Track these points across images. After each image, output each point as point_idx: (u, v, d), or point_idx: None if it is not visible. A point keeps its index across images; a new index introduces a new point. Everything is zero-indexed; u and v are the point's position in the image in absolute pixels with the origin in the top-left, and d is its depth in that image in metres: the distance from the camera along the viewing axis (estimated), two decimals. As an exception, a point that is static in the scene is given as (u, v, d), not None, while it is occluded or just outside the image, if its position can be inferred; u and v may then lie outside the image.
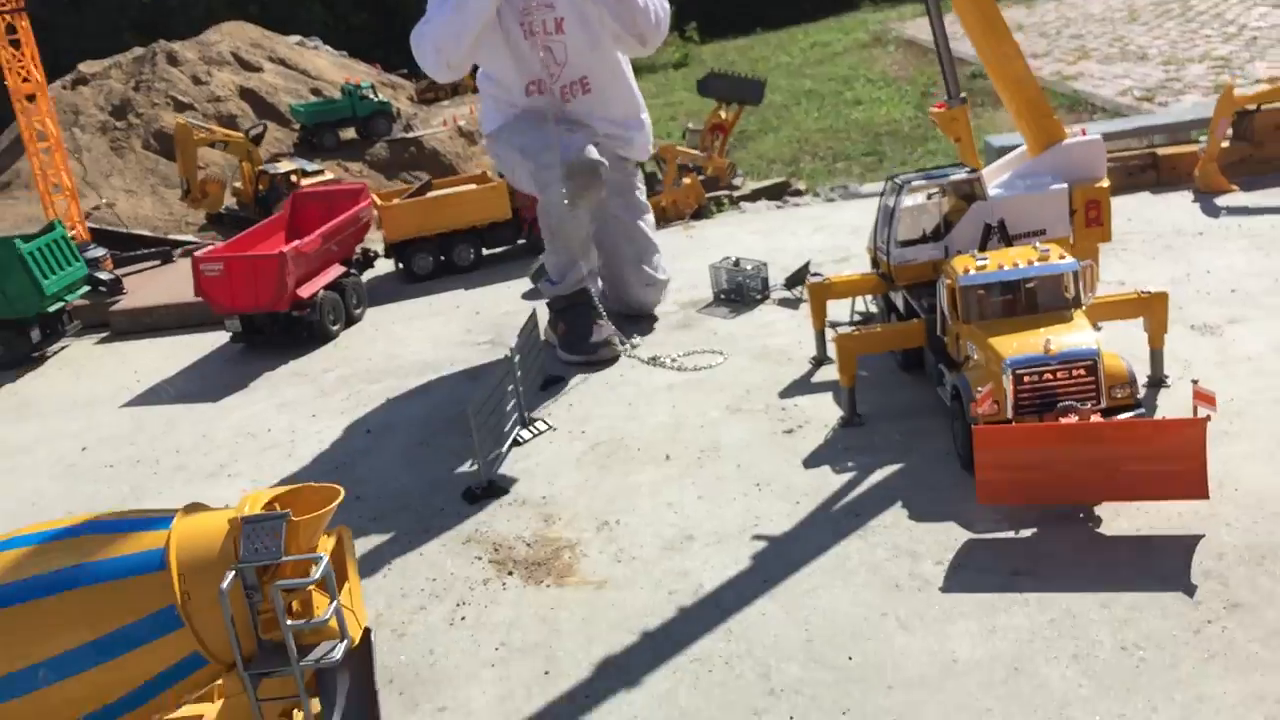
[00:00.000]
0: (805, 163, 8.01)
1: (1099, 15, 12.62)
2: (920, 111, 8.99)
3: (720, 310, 3.90)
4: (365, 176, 7.66)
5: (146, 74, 7.77)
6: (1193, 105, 7.21)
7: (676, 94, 12.91)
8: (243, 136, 6.58)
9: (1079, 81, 8.80)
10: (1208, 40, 9.59)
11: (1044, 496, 2.45)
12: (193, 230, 6.58)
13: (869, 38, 14.71)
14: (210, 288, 4.10)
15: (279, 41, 9.13)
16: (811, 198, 5.62)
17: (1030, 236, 3.14)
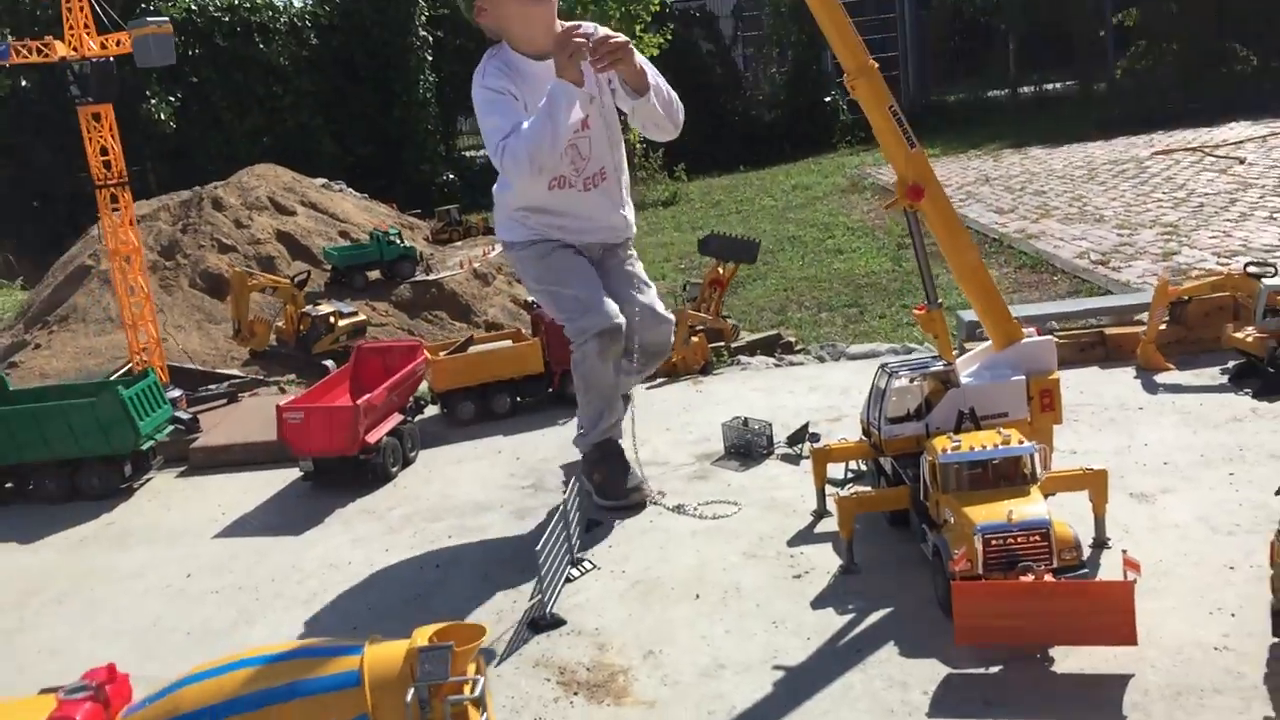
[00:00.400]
0: (792, 312, 8.73)
1: (1060, 171, 13.61)
2: (896, 265, 9.78)
3: (731, 464, 4.53)
4: (390, 316, 8.37)
5: (193, 218, 8.47)
6: (1141, 272, 8.02)
7: (666, 233, 13.67)
8: (289, 283, 7.27)
9: (1041, 241, 9.62)
10: (1159, 205, 10.49)
11: (1010, 640, 3.07)
12: (237, 365, 7.22)
13: (847, 183, 15.64)
14: (291, 433, 4.69)
15: (309, 186, 9.89)
16: (804, 356, 6.33)
17: (995, 418, 3.81)
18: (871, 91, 3.72)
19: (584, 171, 4.21)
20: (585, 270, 4.30)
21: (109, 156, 5.46)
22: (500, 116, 3.94)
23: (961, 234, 3.87)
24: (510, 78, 4.04)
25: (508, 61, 4.09)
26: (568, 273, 4.27)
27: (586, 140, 4.18)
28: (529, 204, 4.27)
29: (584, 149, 4.19)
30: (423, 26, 18.20)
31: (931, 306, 3.89)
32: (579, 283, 4.24)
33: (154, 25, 5.21)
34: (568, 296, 4.24)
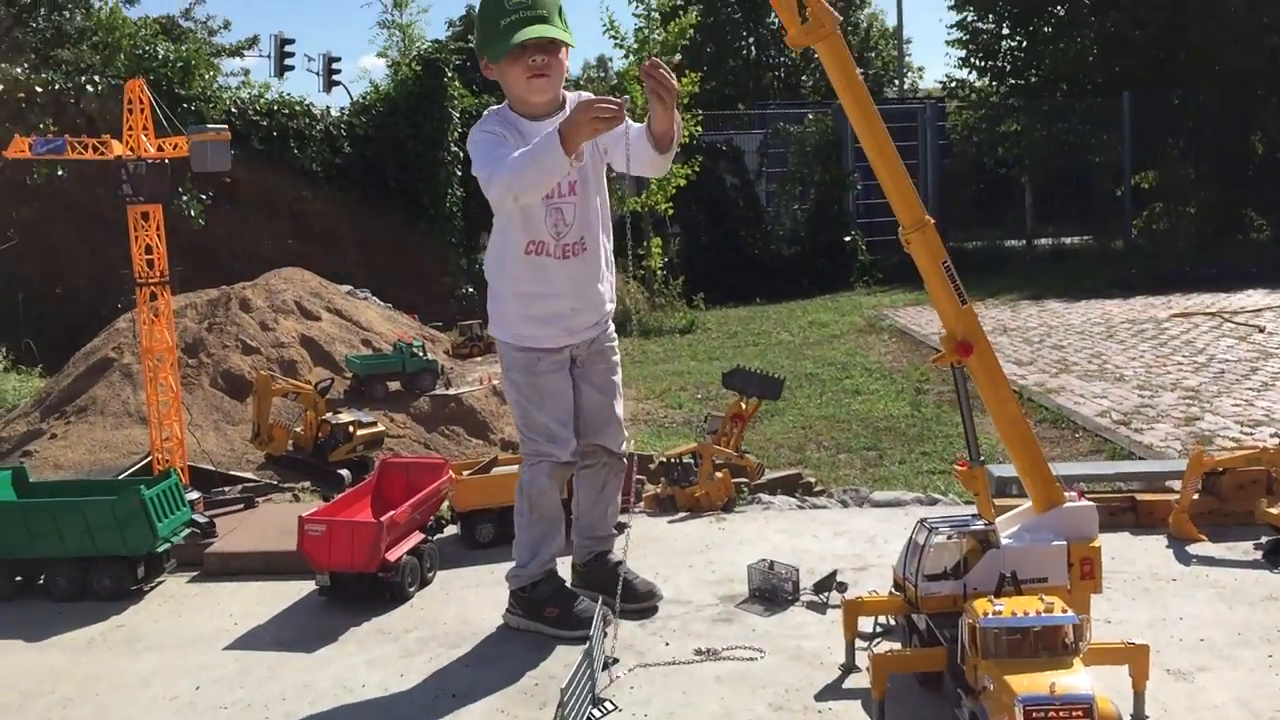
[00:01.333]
0: (811, 451, 8.68)
1: (1078, 327, 13.71)
2: (915, 410, 9.77)
3: (756, 608, 4.44)
4: (408, 428, 8.36)
5: (219, 317, 8.54)
6: (1164, 435, 7.99)
7: (683, 361, 13.68)
8: (312, 389, 7.27)
9: (1061, 396, 9.62)
10: (1179, 368, 10.52)
11: (1049, 809, 3.00)
12: (252, 468, 7.18)
13: (864, 322, 15.75)
14: (311, 546, 4.61)
15: (335, 292, 10.00)
16: (827, 499, 6.27)
17: (1034, 583, 3.76)
18: (926, 246, 3.76)
19: (563, 237, 4.15)
20: (564, 399, 4.31)
21: (153, 255, 5.52)
22: (492, 149, 3.96)
23: (1006, 390, 3.86)
24: (506, 129, 4.06)
25: (507, 119, 4.13)
26: (547, 397, 4.28)
27: (571, 206, 4.15)
28: (515, 285, 4.22)
29: (567, 214, 4.15)
30: (454, 143, 18.57)
31: (974, 463, 3.87)
32: (553, 410, 4.27)
33: (213, 132, 5.31)
34: (539, 421, 4.27)
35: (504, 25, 3.95)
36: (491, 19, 4.01)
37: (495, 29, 3.99)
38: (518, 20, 3.94)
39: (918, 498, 6.08)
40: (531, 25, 3.94)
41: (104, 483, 5.32)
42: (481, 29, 4.10)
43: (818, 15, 3.57)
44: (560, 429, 4.29)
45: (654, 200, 17.43)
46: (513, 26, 3.94)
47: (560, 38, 4.00)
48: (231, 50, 28.45)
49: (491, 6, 4.02)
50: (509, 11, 3.93)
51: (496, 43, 3.99)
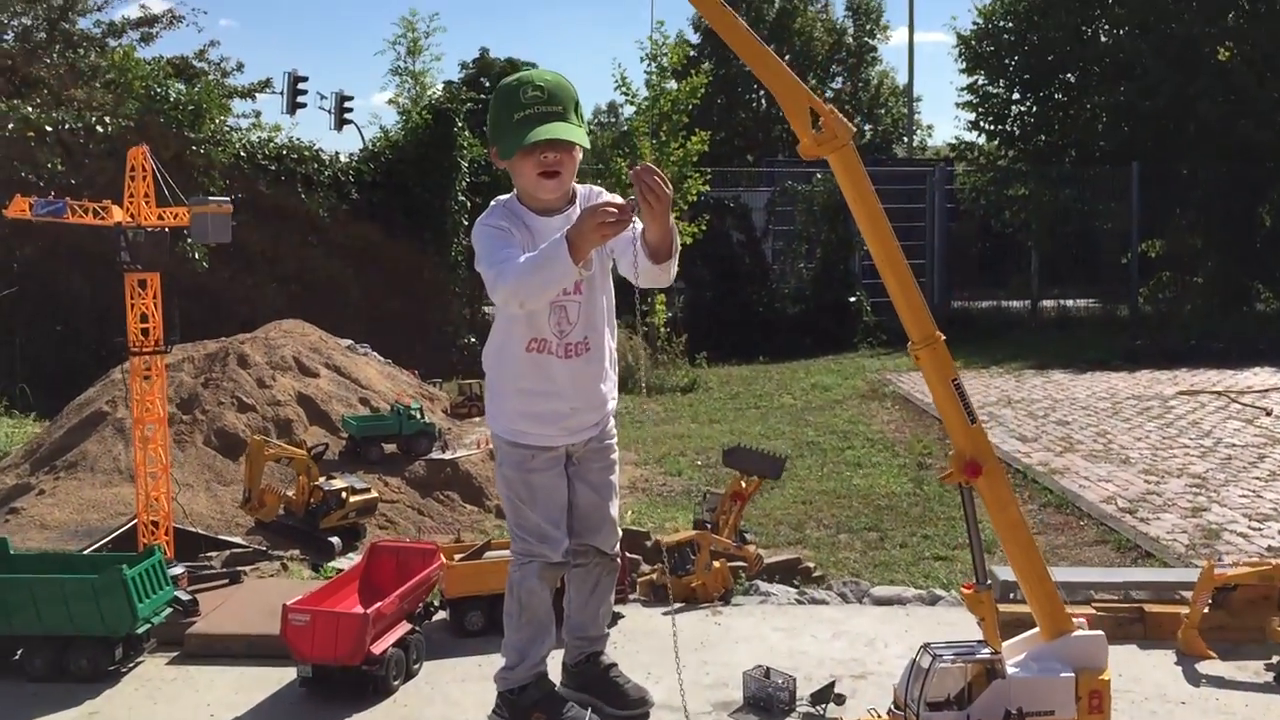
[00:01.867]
0: (811, 530, 8.53)
1: (1083, 401, 13.58)
2: (917, 487, 9.63)
3: (750, 718, 4.33)
4: (403, 493, 8.22)
5: (216, 373, 8.41)
6: (1170, 527, 7.86)
7: (683, 423, 13.54)
8: (306, 454, 7.15)
9: (1065, 478, 9.48)
10: (1185, 451, 10.39)
11: None
12: (241, 532, 7.04)
13: (867, 387, 15.62)
14: (294, 636, 4.48)
15: (335, 347, 9.88)
16: (827, 592, 6.13)
17: (1041, 716, 3.63)
18: (935, 362, 3.67)
19: (566, 336, 4.05)
20: (558, 497, 4.19)
21: (149, 324, 5.42)
22: (499, 248, 3.85)
23: (1015, 514, 3.76)
24: (513, 223, 3.95)
25: (514, 210, 4.01)
26: (541, 495, 4.16)
27: (576, 305, 4.04)
28: (515, 382, 4.11)
29: (571, 313, 4.04)
30: (462, 191, 18.58)
31: (980, 587, 3.75)
32: (546, 509, 4.16)
33: (215, 204, 5.24)
34: (531, 520, 4.15)
35: (517, 120, 3.81)
36: (505, 111, 3.85)
37: (509, 122, 3.84)
38: (532, 116, 3.80)
39: (919, 595, 5.94)
40: (546, 124, 3.81)
41: (86, 557, 5.19)
42: (494, 119, 3.94)
43: (831, 126, 3.49)
44: (552, 529, 4.17)
45: (660, 256, 17.35)
46: (527, 123, 3.81)
47: (574, 139, 3.87)
48: (244, 92, 28.58)
49: (506, 97, 3.85)
50: (524, 106, 3.80)
51: (509, 137, 3.86)
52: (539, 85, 3.81)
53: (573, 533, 4.26)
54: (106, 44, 25.59)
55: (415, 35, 35.72)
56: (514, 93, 3.84)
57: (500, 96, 3.91)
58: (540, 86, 3.80)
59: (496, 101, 3.94)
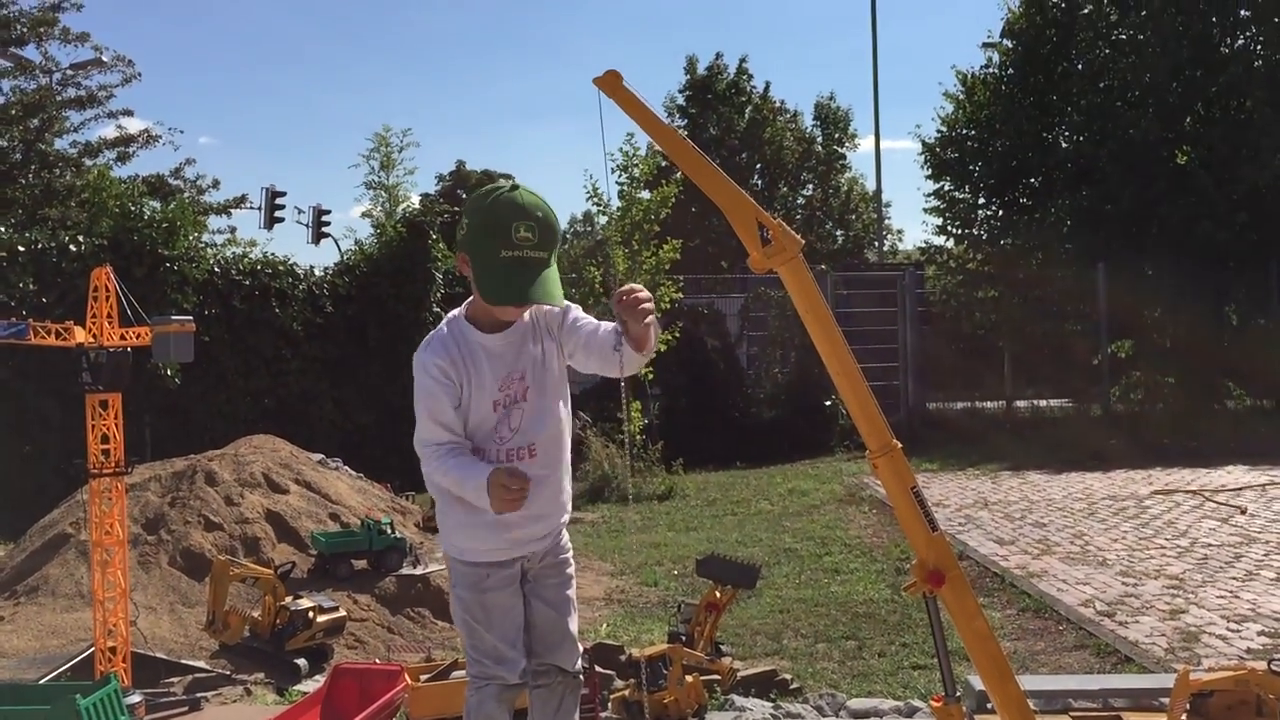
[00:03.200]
0: (788, 639, 8.40)
1: (1059, 502, 13.56)
2: (895, 594, 9.53)
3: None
4: (372, 610, 8.06)
5: (184, 491, 8.32)
6: (1149, 631, 7.79)
7: (660, 532, 13.42)
8: (272, 574, 7.03)
9: (1043, 581, 9.40)
10: (1162, 552, 10.35)
11: None
12: (205, 656, 6.87)
13: (844, 491, 15.56)
14: (252, 767, 4.38)
15: (305, 462, 9.81)
16: (802, 706, 6.02)
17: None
18: (893, 471, 3.67)
19: (507, 442, 3.94)
20: (514, 616, 4.09)
21: (110, 445, 5.37)
22: (431, 417, 3.84)
23: (982, 624, 3.72)
24: (454, 353, 3.88)
25: (460, 333, 3.92)
26: (495, 615, 4.05)
27: (520, 411, 3.94)
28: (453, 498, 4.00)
29: (514, 419, 3.95)
30: (437, 303, 18.67)
31: (949, 700, 3.69)
32: (501, 630, 4.05)
33: (177, 324, 5.24)
34: (487, 641, 4.04)
35: (503, 260, 3.63)
36: (490, 240, 3.64)
37: (493, 256, 3.64)
38: (519, 262, 3.63)
39: (896, 707, 5.85)
40: (531, 279, 3.66)
41: (40, 688, 5.05)
42: (475, 240, 3.72)
43: (779, 239, 3.54)
44: (509, 650, 4.06)
45: (634, 364, 17.42)
46: (512, 272, 3.64)
47: (554, 303, 3.77)
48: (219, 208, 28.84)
49: (494, 226, 3.63)
50: (513, 245, 3.61)
51: (489, 278, 3.70)
52: (531, 224, 3.63)
53: (532, 652, 4.17)
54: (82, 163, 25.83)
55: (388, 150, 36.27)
56: (505, 226, 3.63)
57: (487, 218, 3.69)
58: (532, 226, 3.63)
59: (482, 220, 3.70)
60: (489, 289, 3.71)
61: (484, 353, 3.87)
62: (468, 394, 3.87)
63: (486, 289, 3.72)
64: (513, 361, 3.90)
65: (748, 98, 44.50)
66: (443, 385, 3.84)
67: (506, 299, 3.73)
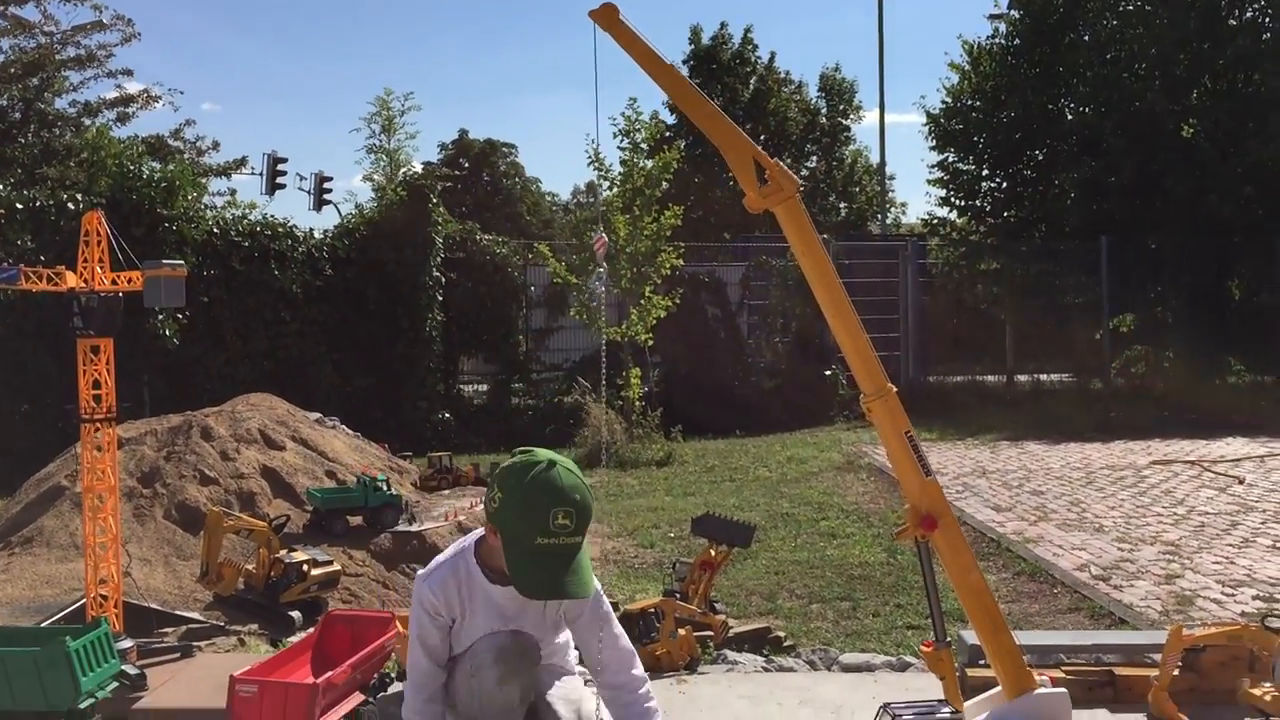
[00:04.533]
0: (783, 600, 8.41)
1: (1058, 471, 13.56)
2: (891, 556, 9.53)
3: (713, 790, 4.22)
4: (368, 566, 8.06)
5: (179, 446, 8.30)
6: (1144, 594, 7.78)
7: (658, 496, 13.43)
8: (267, 526, 7.02)
9: (1039, 547, 9.41)
10: (1159, 519, 10.34)
11: None
12: (199, 607, 6.87)
13: (843, 459, 15.55)
14: (240, 707, 4.35)
15: (302, 420, 9.79)
16: (795, 660, 6.02)
17: (1004, 779, 3.54)
18: (888, 415, 3.63)
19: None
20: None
21: (101, 390, 5.34)
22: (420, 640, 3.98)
23: (973, 569, 3.69)
24: (451, 594, 3.95)
25: (468, 572, 3.96)
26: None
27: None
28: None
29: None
30: (437, 267, 18.60)
31: (939, 645, 3.68)
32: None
33: (169, 268, 5.20)
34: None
35: (539, 547, 3.58)
36: (527, 524, 3.60)
37: (528, 542, 3.60)
38: (554, 550, 3.59)
39: (889, 661, 5.84)
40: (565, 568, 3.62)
41: (29, 631, 5.05)
42: (511, 518, 3.64)
43: (776, 179, 3.49)
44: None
45: (634, 330, 17.42)
46: (547, 561, 3.60)
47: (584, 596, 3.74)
48: (219, 170, 28.72)
49: (532, 510, 3.58)
50: (550, 533, 3.56)
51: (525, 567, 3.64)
52: (568, 510, 3.57)
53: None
54: (82, 123, 25.70)
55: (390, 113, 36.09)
56: (543, 513, 3.56)
57: (526, 503, 3.62)
58: (569, 512, 3.57)
59: (520, 503, 3.62)
60: (521, 578, 3.65)
61: (484, 598, 3.91)
62: (459, 627, 3.97)
63: (519, 577, 3.65)
64: (513, 616, 3.94)
65: (752, 68, 44.23)
66: (433, 620, 3.94)
67: (539, 592, 3.69)
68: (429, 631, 3.97)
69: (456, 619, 3.97)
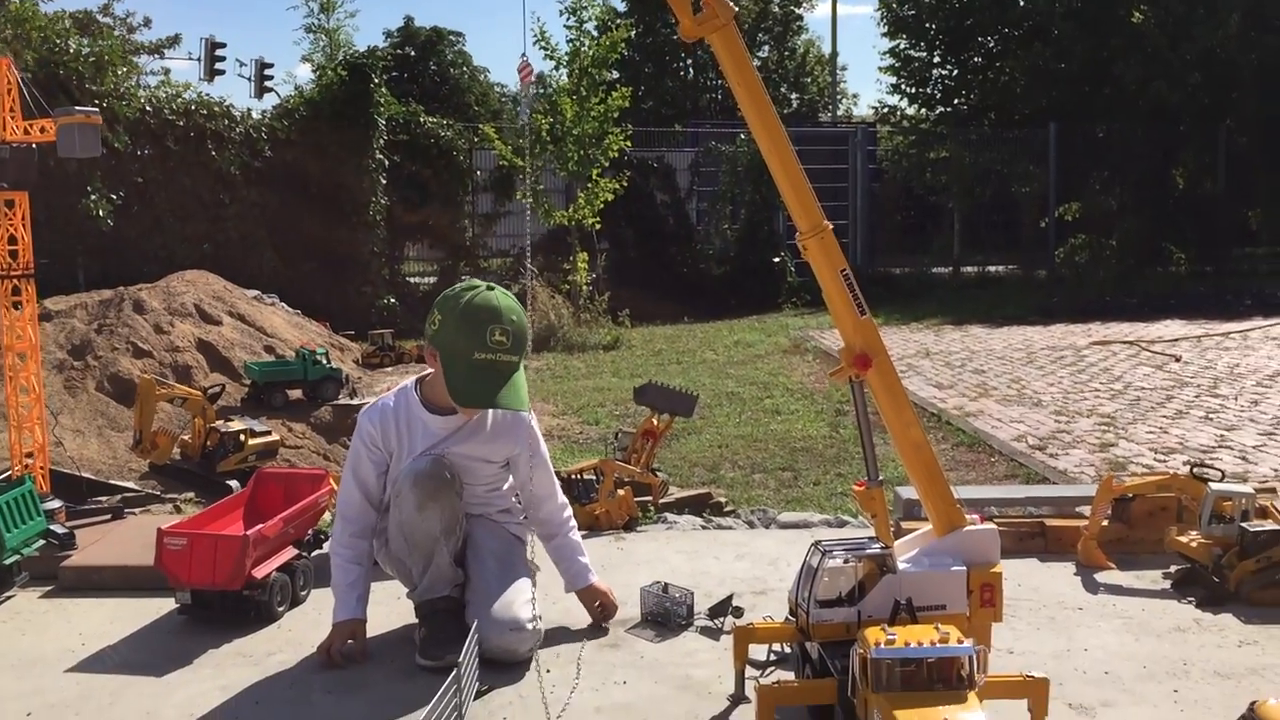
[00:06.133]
0: (725, 470, 8.47)
1: (999, 352, 13.71)
2: (834, 431, 9.61)
3: (647, 633, 4.21)
4: (308, 438, 7.97)
5: (111, 319, 8.09)
6: (1078, 461, 7.90)
7: (605, 378, 13.45)
8: (201, 395, 6.89)
9: (979, 420, 9.53)
10: (1096, 394, 10.50)
11: None
12: (134, 477, 6.77)
13: (789, 344, 15.63)
14: (171, 561, 4.28)
15: (239, 296, 9.58)
16: (733, 520, 6.06)
17: (932, 610, 3.55)
18: (824, 253, 3.56)
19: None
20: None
21: (18, 246, 5.15)
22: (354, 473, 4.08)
23: (907, 408, 3.67)
24: (389, 425, 4.04)
25: (408, 409, 4.04)
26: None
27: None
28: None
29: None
30: (380, 150, 18.18)
31: (871, 484, 3.67)
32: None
33: (82, 115, 4.97)
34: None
35: (476, 361, 3.77)
36: (465, 342, 3.77)
37: (465, 357, 3.78)
38: (492, 366, 3.79)
39: (826, 519, 5.89)
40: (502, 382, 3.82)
41: (-48, 489, 4.92)
42: (450, 338, 3.82)
43: (712, 5, 3.36)
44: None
45: (582, 214, 17.22)
46: (484, 375, 3.79)
47: (521, 409, 3.94)
48: (151, 48, 27.74)
49: (471, 328, 3.77)
50: (488, 346, 3.75)
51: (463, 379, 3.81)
52: (504, 329, 3.75)
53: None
54: None
55: (329, -11, 34.94)
56: (480, 329, 3.74)
57: (463, 319, 3.79)
58: (506, 330, 3.75)
59: (458, 321, 3.79)
60: (459, 390, 3.81)
61: (422, 427, 4.00)
62: (396, 466, 4.03)
63: (456, 389, 3.81)
64: (442, 441, 4.01)
65: (704, -48, 43.21)
66: (369, 451, 4.03)
67: (475, 402, 3.85)
68: (364, 465, 4.06)
69: (394, 454, 4.03)
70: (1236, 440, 8.39)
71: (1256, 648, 4.02)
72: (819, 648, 3.51)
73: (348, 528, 4.09)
